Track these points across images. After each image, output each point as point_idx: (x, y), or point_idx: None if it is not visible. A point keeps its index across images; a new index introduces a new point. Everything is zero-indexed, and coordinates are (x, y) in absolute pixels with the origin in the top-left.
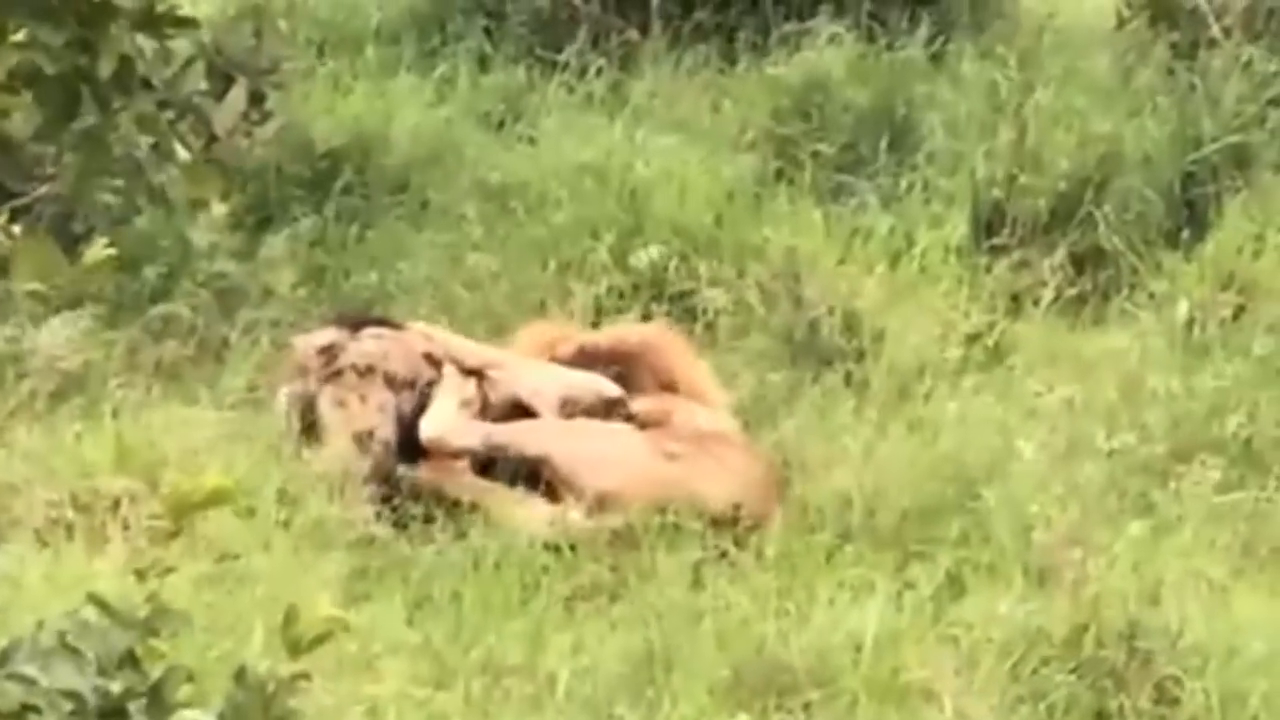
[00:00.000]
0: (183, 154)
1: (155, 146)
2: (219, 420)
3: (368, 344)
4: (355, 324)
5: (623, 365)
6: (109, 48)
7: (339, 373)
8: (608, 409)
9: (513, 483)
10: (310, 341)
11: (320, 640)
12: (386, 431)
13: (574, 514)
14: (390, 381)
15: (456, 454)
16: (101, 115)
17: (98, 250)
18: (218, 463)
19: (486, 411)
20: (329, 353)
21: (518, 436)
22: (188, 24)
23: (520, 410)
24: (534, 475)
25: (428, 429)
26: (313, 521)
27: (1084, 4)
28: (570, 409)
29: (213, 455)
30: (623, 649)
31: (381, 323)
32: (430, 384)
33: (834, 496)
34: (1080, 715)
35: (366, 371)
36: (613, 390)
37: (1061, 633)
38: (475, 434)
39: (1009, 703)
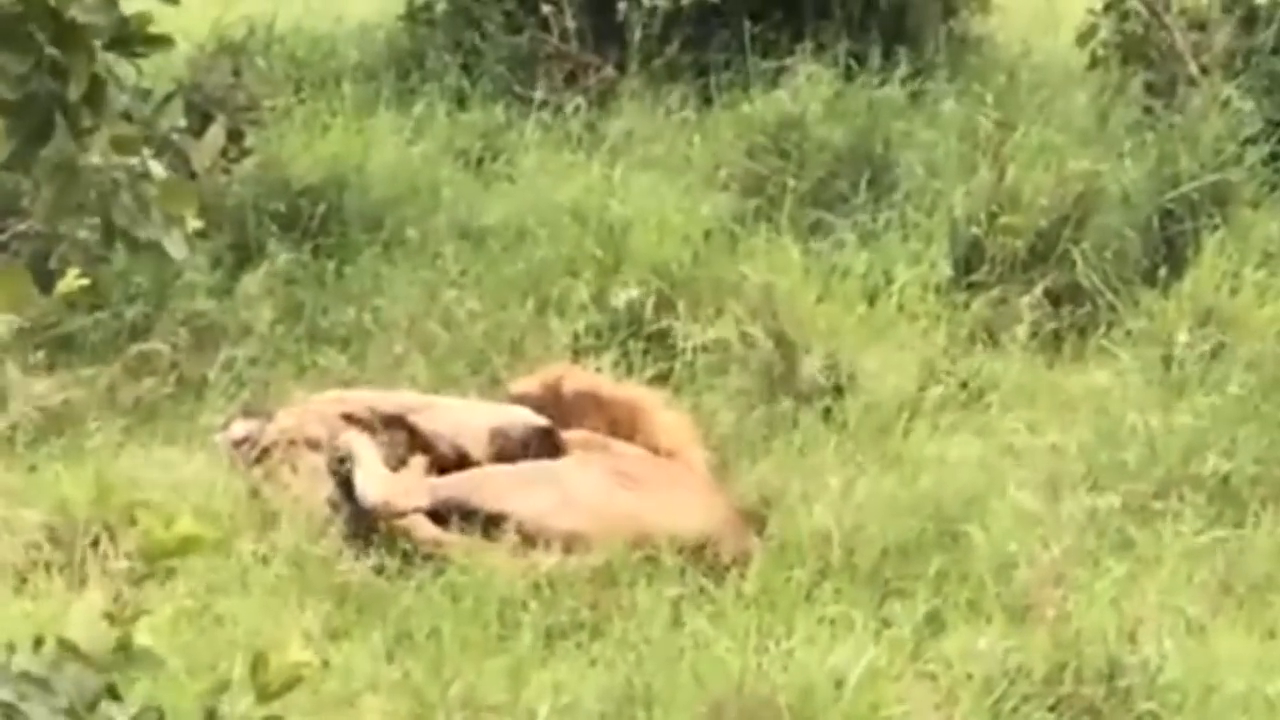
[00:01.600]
0: (158, 171)
1: (129, 169)
2: (198, 458)
3: (282, 421)
4: (267, 412)
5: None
6: (78, 69)
7: (264, 453)
8: (539, 440)
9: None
10: (228, 437)
11: (290, 686)
12: (327, 490)
13: (546, 562)
14: (314, 446)
15: (405, 514)
16: (74, 139)
17: (70, 281)
18: (197, 500)
19: (415, 452)
20: (248, 441)
21: (468, 490)
22: (160, 42)
23: (451, 449)
24: (493, 519)
25: (369, 497)
26: (292, 559)
27: (1058, 42)
28: (500, 442)
29: (192, 493)
30: (603, 686)
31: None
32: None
33: (813, 533)
34: None
35: (288, 445)
36: (540, 421)
37: (1041, 670)
38: (422, 493)
39: None
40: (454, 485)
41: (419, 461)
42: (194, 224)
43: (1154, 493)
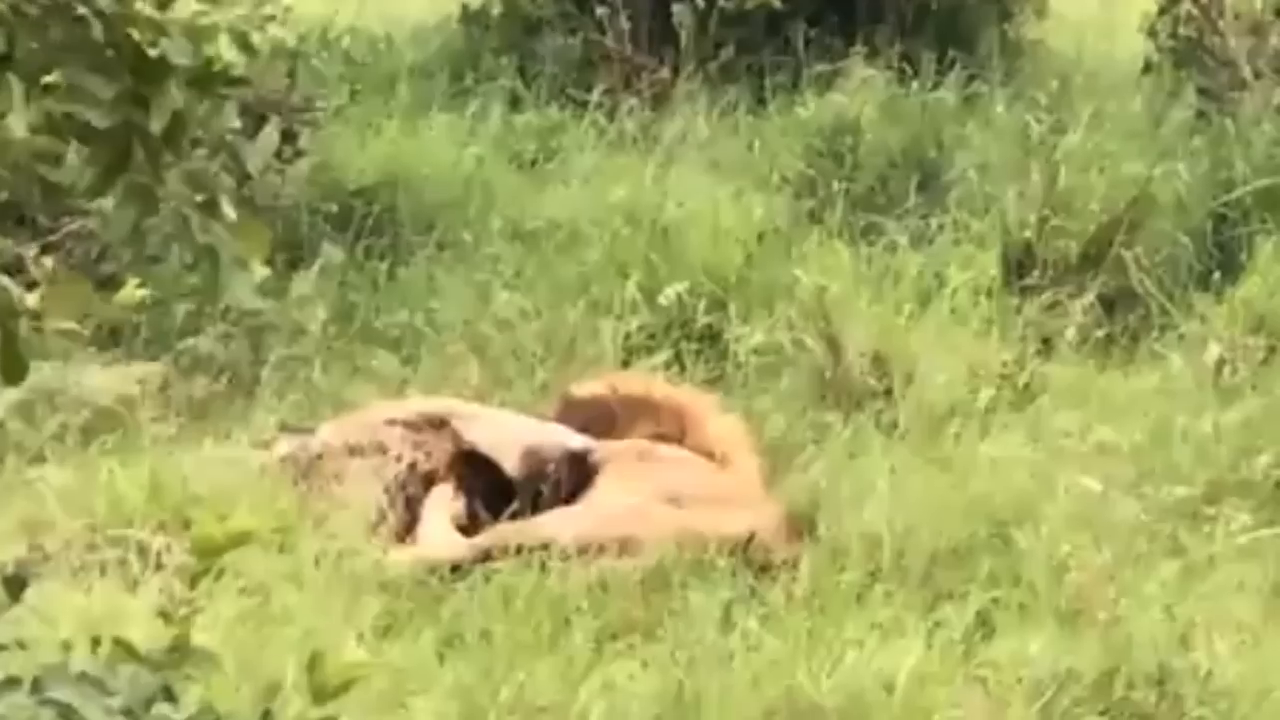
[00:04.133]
0: (229, 213)
1: (201, 204)
2: (251, 457)
3: (323, 434)
4: (310, 428)
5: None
6: (162, 104)
7: (308, 468)
8: (570, 463)
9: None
10: (273, 455)
11: (347, 686)
12: (376, 496)
13: (597, 565)
14: (356, 452)
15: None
16: (151, 170)
17: (130, 291)
18: (250, 500)
19: (455, 454)
20: (291, 459)
21: (504, 536)
22: (239, 83)
23: (484, 462)
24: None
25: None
26: (345, 559)
27: (1113, 47)
28: (531, 462)
29: (245, 492)
30: (654, 689)
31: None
32: (403, 443)
33: (864, 536)
34: None
35: (333, 456)
36: (577, 443)
37: (1092, 674)
38: (460, 547)
39: None
40: (487, 537)
41: (444, 490)
42: (262, 271)
43: (1205, 496)
